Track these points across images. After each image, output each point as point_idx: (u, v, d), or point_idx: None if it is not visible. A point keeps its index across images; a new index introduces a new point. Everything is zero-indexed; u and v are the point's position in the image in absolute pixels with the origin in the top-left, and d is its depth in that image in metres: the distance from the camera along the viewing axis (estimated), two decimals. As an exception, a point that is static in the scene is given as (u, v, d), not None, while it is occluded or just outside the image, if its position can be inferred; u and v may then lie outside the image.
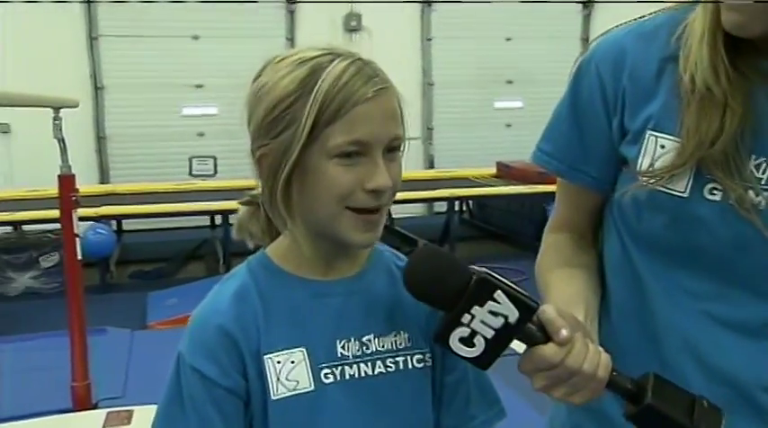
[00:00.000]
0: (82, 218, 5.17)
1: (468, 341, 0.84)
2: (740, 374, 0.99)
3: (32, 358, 3.81)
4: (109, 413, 2.93)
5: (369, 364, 0.96)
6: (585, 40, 7.80)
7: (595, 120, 1.04)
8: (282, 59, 0.91)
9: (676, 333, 1.01)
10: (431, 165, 7.64)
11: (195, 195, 6.00)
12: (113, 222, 6.25)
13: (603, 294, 1.09)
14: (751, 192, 0.93)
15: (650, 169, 0.98)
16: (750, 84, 0.93)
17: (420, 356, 0.99)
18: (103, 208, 5.60)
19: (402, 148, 0.94)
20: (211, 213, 6.12)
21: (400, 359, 0.98)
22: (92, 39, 6.90)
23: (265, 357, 0.92)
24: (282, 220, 0.94)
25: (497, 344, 0.84)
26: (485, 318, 0.83)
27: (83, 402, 3.09)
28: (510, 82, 7.80)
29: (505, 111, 7.82)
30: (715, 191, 0.95)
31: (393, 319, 0.98)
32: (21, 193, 5.88)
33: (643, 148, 0.99)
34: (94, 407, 3.12)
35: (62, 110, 2.97)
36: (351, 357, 0.95)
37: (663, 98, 0.98)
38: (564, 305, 0.99)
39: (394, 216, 7.23)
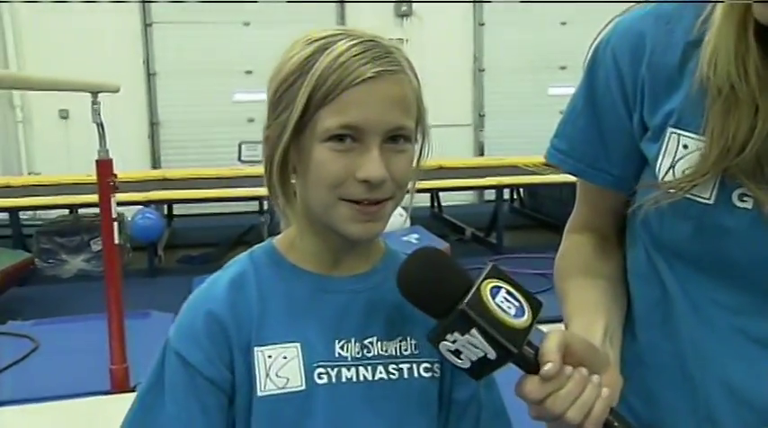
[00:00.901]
0: (132, 203, 5.32)
1: (455, 353, 0.78)
2: (762, 394, 0.87)
3: (76, 339, 3.88)
4: (144, 396, 2.94)
5: (368, 368, 0.90)
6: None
7: (614, 114, 0.93)
8: (295, 41, 0.87)
9: (703, 350, 0.90)
10: (481, 153, 7.53)
11: (244, 181, 5.99)
12: (164, 207, 6.36)
13: (629, 304, 1.00)
14: None
15: (665, 179, 0.87)
16: None
17: (428, 365, 0.92)
18: (152, 192, 5.68)
19: (415, 140, 0.87)
20: (259, 199, 6.14)
21: (404, 366, 0.91)
22: (146, 25, 7.00)
23: (256, 349, 0.87)
24: (281, 209, 0.89)
25: (483, 367, 0.78)
26: (466, 345, 0.77)
27: (120, 385, 3.12)
28: (563, 68, 7.62)
29: (559, 97, 7.64)
30: (745, 198, 0.83)
31: (400, 323, 0.92)
32: (77, 178, 6.01)
33: (663, 147, 0.88)
34: (132, 390, 3.15)
35: (116, 96, 3.00)
36: (349, 359, 0.89)
37: (686, 90, 0.85)
38: (582, 319, 0.91)
39: (443, 204, 7.20)
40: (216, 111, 7.11)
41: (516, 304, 0.78)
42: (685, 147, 0.85)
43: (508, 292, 0.79)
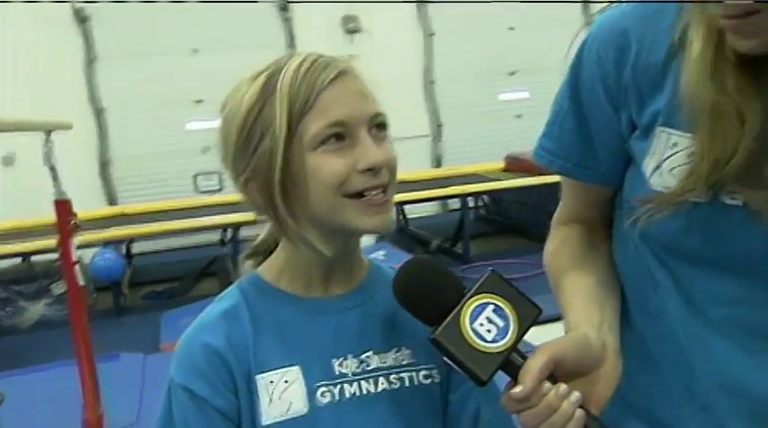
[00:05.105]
0: (90, 244, 5.16)
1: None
2: (759, 387, 0.88)
3: (44, 389, 3.75)
4: (122, 443, 2.84)
5: (371, 381, 0.93)
6: (590, 24, 7.70)
7: (601, 113, 0.93)
8: (238, 84, 0.92)
9: (698, 341, 0.91)
10: (438, 164, 7.55)
11: (203, 211, 5.93)
12: (124, 245, 6.20)
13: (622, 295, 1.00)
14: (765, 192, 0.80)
15: (652, 179, 0.88)
16: (765, 84, 0.79)
17: (426, 372, 0.96)
18: (111, 230, 5.55)
19: (387, 128, 0.92)
20: (221, 227, 6.06)
21: (405, 374, 0.95)
22: (90, 61, 6.86)
23: (257, 377, 0.89)
24: (297, 233, 0.90)
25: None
26: (449, 362, 0.82)
27: (96, 433, 3.00)
28: (513, 73, 7.72)
29: (510, 102, 7.75)
30: (735, 196, 0.83)
31: (393, 335, 0.96)
32: (27, 223, 5.81)
33: (652, 146, 0.88)
34: (109, 438, 3.04)
35: (63, 135, 2.89)
36: (350, 375, 0.92)
37: (671, 90, 0.85)
38: (578, 310, 0.92)
39: (408, 216, 7.19)
40: (169, 142, 6.99)
41: (500, 324, 0.81)
42: (675, 145, 0.86)
43: (496, 309, 0.81)
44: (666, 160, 0.86)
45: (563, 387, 0.79)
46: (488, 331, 0.80)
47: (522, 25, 7.61)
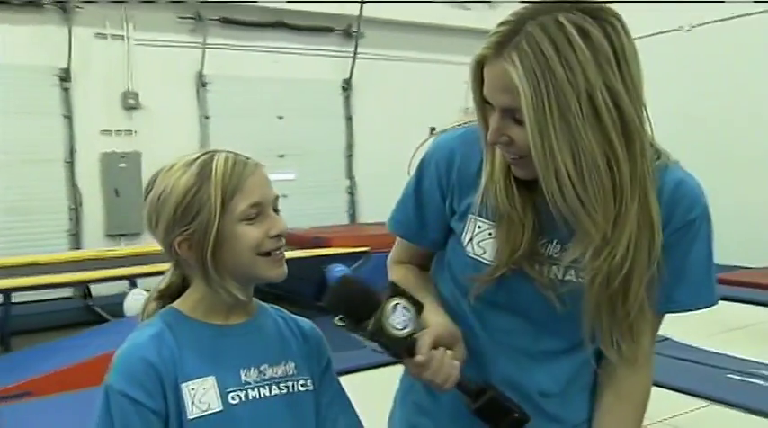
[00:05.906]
0: None
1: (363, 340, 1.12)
2: (524, 384, 1.25)
3: None
4: None
5: (267, 387, 1.17)
6: (349, 118, 8.55)
7: (433, 202, 1.28)
8: (170, 168, 1.15)
9: (490, 356, 1.25)
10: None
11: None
12: None
13: None
14: (539, 267, 1.16)
15: (467, 247, 1.22)
16: (537, 197, 1.12)
17: (303, 382, 1.22)
18: None
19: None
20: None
21: (290, 383, 1.20)
22: None
23: (182, 385, 1.11)
24: (218, 282, 1.14)
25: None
26: (370, 344, 1.12)
27: None
28: (282, 156, 8.18)
29: (279, 183, 8.13)
30: (525, 268, 1.17)
31: (282, 352, 1.21)
32: None
33: (466, 226, 1.22)
34: None
35: None
36: (252, 382, 1.16)
37: (479, 190, 1.19)
38: (435, 311, 1.22)
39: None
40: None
41: (405, 316, 1.11)
42: (479, 227, 1.21)
43: (404, 306, 1.12)
44: (476, 236, 1.20)
45: (442, 349, 1.13)
46: (398, 323, 1.10)
47: (289, 116, 8.11)
